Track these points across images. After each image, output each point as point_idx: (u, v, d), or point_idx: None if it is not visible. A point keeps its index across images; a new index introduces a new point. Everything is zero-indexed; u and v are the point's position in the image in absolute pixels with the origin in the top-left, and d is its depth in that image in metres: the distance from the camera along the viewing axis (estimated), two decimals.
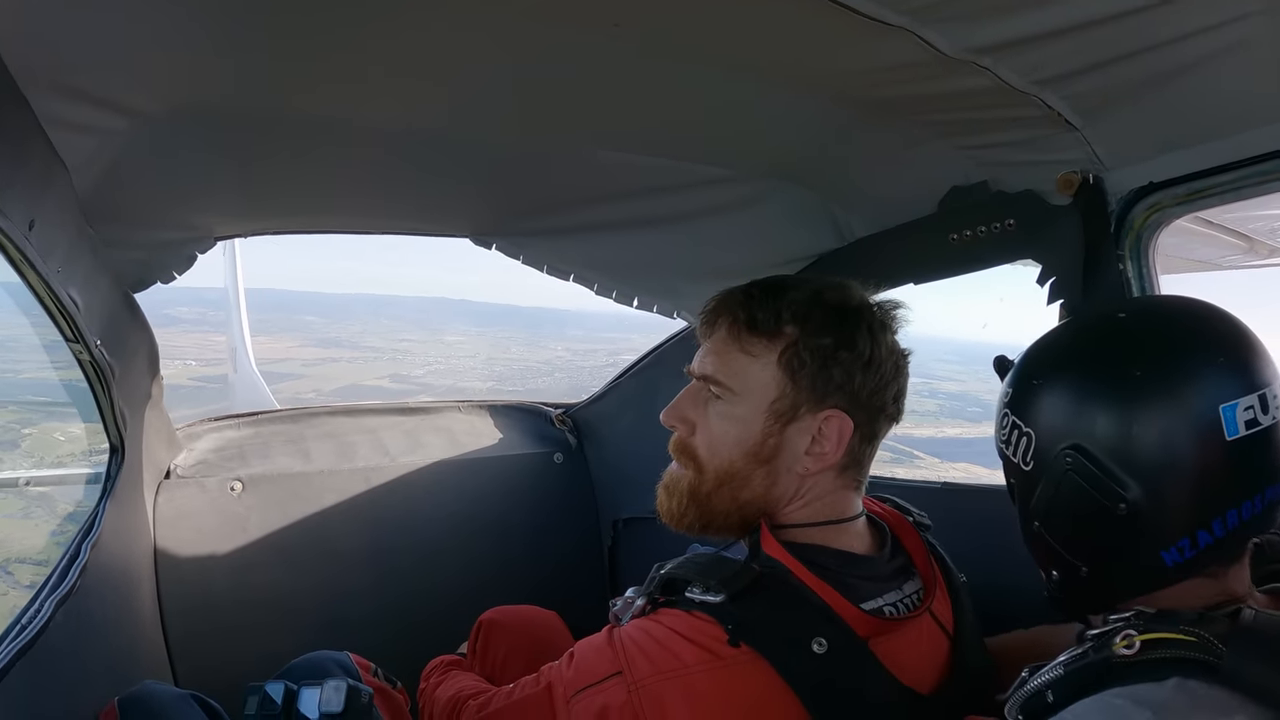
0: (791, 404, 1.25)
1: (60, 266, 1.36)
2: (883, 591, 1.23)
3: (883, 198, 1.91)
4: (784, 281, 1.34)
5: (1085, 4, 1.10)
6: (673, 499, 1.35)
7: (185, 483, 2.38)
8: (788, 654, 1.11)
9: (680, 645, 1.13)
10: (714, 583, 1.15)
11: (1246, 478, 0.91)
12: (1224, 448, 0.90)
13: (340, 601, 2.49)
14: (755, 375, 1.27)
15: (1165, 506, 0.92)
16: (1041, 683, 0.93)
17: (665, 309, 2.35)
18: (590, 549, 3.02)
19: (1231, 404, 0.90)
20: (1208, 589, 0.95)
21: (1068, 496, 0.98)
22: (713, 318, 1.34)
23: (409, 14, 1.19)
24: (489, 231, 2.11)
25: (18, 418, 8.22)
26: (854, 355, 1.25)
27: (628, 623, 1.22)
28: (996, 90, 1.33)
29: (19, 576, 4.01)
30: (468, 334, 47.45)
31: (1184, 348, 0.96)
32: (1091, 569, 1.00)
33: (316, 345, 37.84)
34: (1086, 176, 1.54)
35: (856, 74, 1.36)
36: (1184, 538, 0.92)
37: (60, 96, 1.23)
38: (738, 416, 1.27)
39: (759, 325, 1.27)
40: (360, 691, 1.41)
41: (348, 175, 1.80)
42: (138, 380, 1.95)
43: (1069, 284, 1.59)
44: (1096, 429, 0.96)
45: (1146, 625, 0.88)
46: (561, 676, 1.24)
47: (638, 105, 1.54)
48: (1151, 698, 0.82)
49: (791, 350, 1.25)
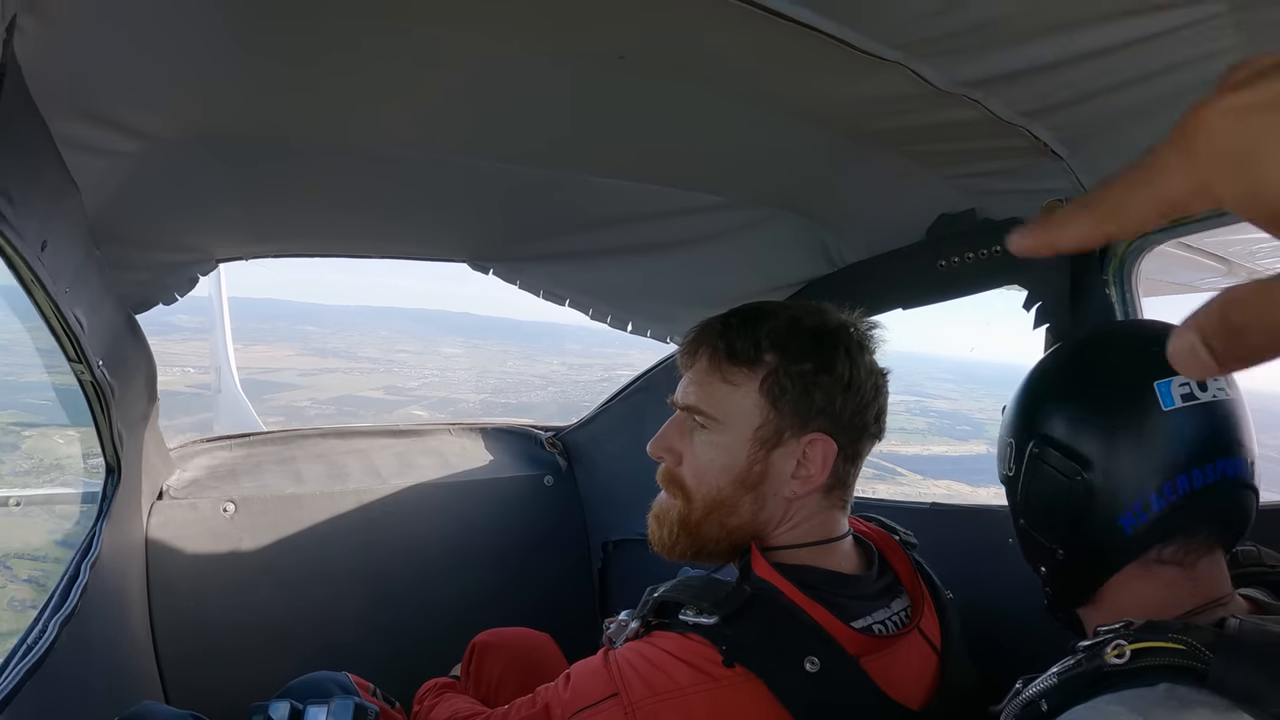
0: (775, 430, 1.27)
1: (68, 288, 1.36)
2: (872, 610, 1.25)
3: (873, 225, 1.95)
4: (761, 309, 1.35)
5: (1074, 40, 1.14)
6: (663, 528, 1.36)
7: (178, 503, 2.36)
8: (781, 673, 1.12)
9: (675, 667, 1.14)
10: (707, 605, 1.16)
11: (1192, 446, 1.01)
12: (1162, 417, 1.02)
13: (333, 623, 2.48)
14: (738, 404, 1.28)
15: (1115, 474, 1.04)
16: (1035, 692, 0.96)
17: (659, 334, 2.37)
18: (580, 571, 3.02)
19: (1166, 380, 1.02)
20: (1185, 589, 1.03)
21: (1039, 484, 1.13)
22: (693, 348, 1.35)
23: (416, 45, 1.21)
24: (486, 256, 2.13)
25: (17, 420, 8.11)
26: (834, 379, 1.27)
27: (622, 645, 1.23)
28: (985, 122, 1.37)
29: (18, 571, 3.99)
30: (465, 347, 47.41)
31: (1126, 344, 1.14)
32: (1066, 551, 1.11)
33: (314, 355, 37.96)
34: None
35: (850, 106, 1.38)
36: (1135, 501, 1.02)
37: (77, 118, 1.24)
38: (723, 445, 1.29)
39: (739, 355, 1.29)
40: (367, 710, 1.40)
41: (348, 200, 1.81)
42: (135, 400, 1.95)
43: (1055, 308, 1.63)
44: (1052, 418, 1.12)
45: (1136, 635, 0.91)
46: (558, 698, 1.25)
47: (635, 134, 1.56)
48: (1143, 702, 0.85)
49: (772, 378, 1.27)
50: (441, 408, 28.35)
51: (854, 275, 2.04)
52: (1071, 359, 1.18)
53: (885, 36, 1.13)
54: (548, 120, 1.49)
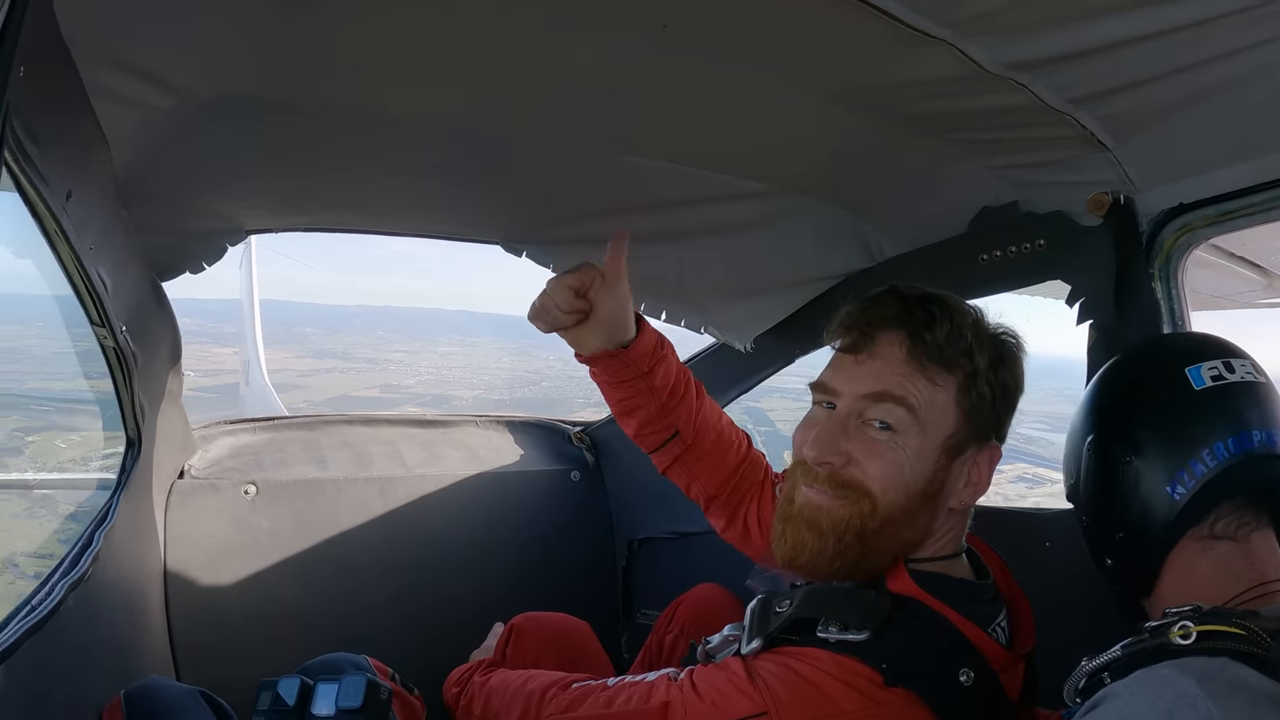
0: (963, 439, 1.18)
1: (93, 244, 1.34)
2: (995, 616, 1.19)
3: (913, 217, 1.93)
4: (941, 297, 1.23)
5: (1123, 22, 1.13)
6: (825, 537, 1.19)
7: (198, 484, 2.36)
8: (940, 690, 1.07)
9: (834, 687, 1.07)
10: (855, 619, 1.10)
11: (1224, 420, 1.11)
12: (1195, 396, 1.12)
13: (353, 611, 2.46)
14: (938, 406, 1.17)
15: (1159, 452, 1.13)
16: (1098, 664, 1.00)
17: (694, 324, 2.35)
18: (604, 568, 2.98)
19: (1195, 365, 1.14)
20: (1240, 565, 1.07)
21: (1095, 477, 1.21)
22: (876, 331, 1.21)
23: (461, 15, 1.20)
24: (520, 239, 2.11)
25: (22, 425, 8.21)
26: (1017, 387, 1.23)
27: (754, 659, 1.15)
28: (1031, 108, 1.36)
29: (24, 568, 4.04)
30: (460, 344, 47.58)
31: (1154, 345, 1.39)
32: (1126, 532, 1.17)
33: (312, 356, 38.15)
34: (1117, 197, 1.56)
35: (893, 87, 1.38)
36: (1180, 470, 1.10)
37: (109, 66, 1.21)
38: (914, 449, 1.17)
39: (945, 351, 1.17)
40: (380, 688, 1.35)
41: (383, 174, 1.80)
42: (158, 372, 1.94)
43: (1100, 304, 1.61)
44: (1100, 421, 1.23)
45: (1202, 618, 0.94)
46: (688, 704, 1.15)
47: (675, 111, 1.55)
48: (1198, 669, 0.87)
49: (970, 382, 1.18)
50: (435, 405, 28.57)
51: (894, 269, 2.02)
52: (1109, 371, 1.29)
53: (935, 12, 1.12)
54: (590, 95, 1.48)
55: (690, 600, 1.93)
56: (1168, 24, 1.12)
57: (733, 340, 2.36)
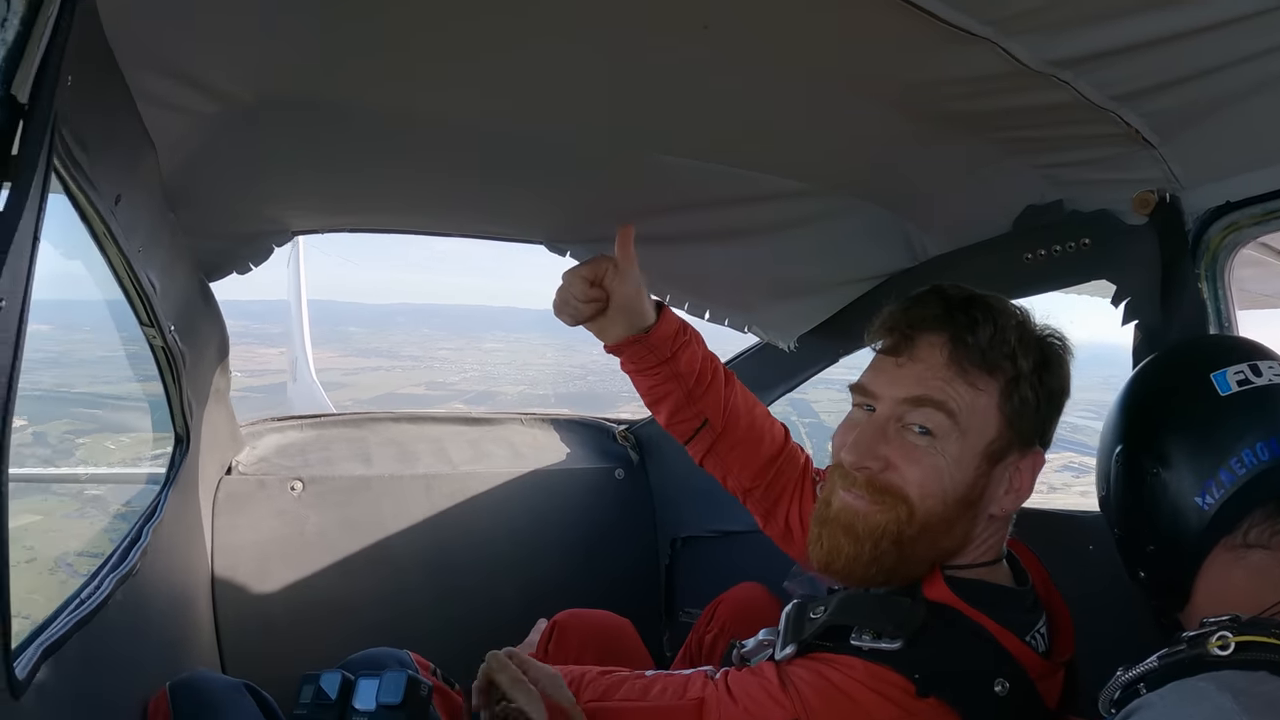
0: (1005, 445, 1.17)
1: (141, 246, 1.38)
2: (1034, 624, 1.17)
3: (956, 216, 1.93)
4: (984, 299, 1.22)
5: (1166, 18, 1.12)
6: (861, 543, 1.18)
7: (246, 479, 2.41)
8: (974, 701, 1.07)
9: (866, 696, 1.08)
10: (889, 627, 1.10)
11: (1253, 425, 1.07)
12: (1221, 402, 1.09)
13: (397, 608, 2.49)
14: (979, 411, 1.15)
15: (1186, 460, 1.10)
16: (1135, 674, 0.98)
17: (737, 323, 2.36)
18: (648, 566, 2.99)
19: (1221, 370, 1.11)
20: (1276, 571, 1.03)
21: (1125, 488, 1.18)
22: (917, 333, 1.20)
23: (507, 18, 1.21)
24: (564, 239, 2.14)
25: (73, 427, 8.44)
26: (1063, 393, 1.22)
27: (786, 665, 1.17)
28: (1075, 105, 1.35)
29: (78, 567, 4.18)
30: (505, 341, 47.94)
31: (1179, 350, 1.32)
32: (1157, 545, 1.14)
33: (357, 355, 38.76)
34: (1163, 195, 1.54)
35: (934, 85, 1.37)
36: (1208, 479, 1.07)
37: (156, 73, 1.24)
38: (954, 455, 1.15)
39: (988, 354, 1.15)
40: (420, 684, 1.33)
41: (428, 176, 1.82)
42: (206, 371, 1.98)
43: (1146, 305, 1.59)
44: (1127, 431, 1.20)
45: (1240, 629, 0.93)
46: (722, 705, 1.16)
47: (716, 112, 1.55)
48: (1235, 684, 0.86)
49: (1012, 387, 1.16)
50: (480, 401, 28.82)
51: (937, 268, 2.01)
52: (1135, 379, 1.27)
53: (976, 10, 1.13)
54: (633, 95, 1.50)
55: (731, 599, 1.94)
56: (1212, 19, 1.12)
57: (776, 339, 2.37)
